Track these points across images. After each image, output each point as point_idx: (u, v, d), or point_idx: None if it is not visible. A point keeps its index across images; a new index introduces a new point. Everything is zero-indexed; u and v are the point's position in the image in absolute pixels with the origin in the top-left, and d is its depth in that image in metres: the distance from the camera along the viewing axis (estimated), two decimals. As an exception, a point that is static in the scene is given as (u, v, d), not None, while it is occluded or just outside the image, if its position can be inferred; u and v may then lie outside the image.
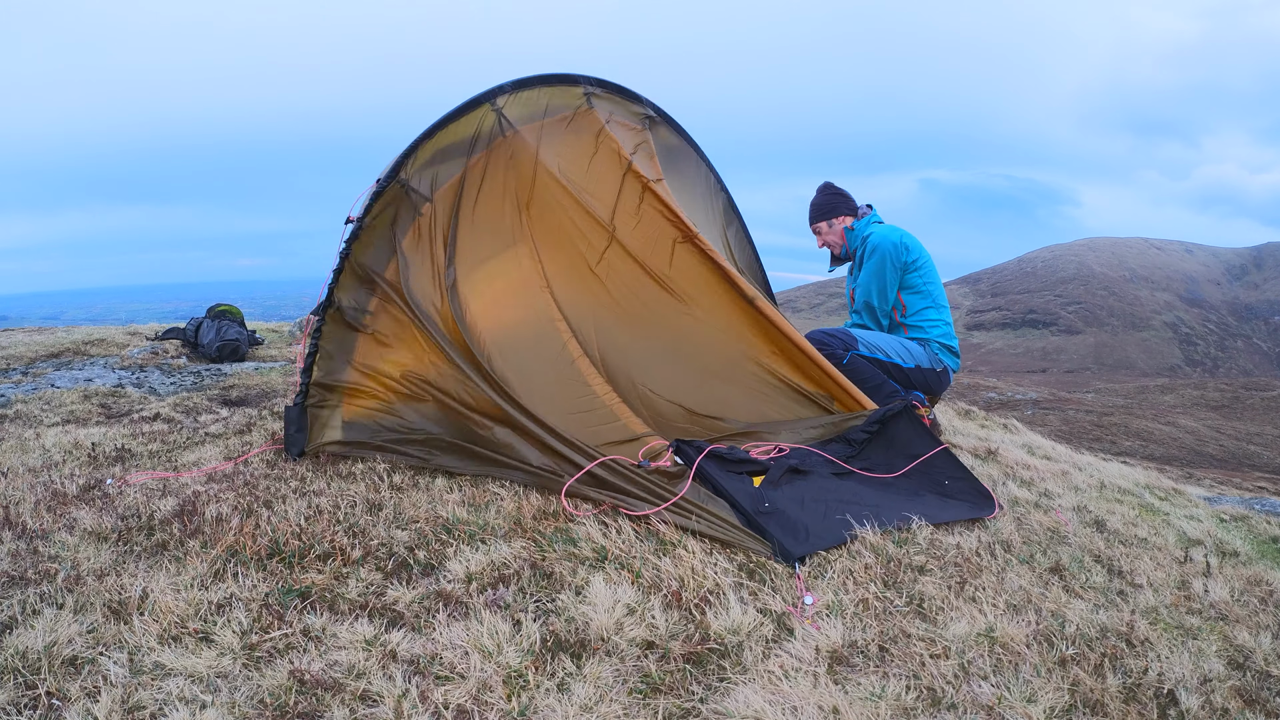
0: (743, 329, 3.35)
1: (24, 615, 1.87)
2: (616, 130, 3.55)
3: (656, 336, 3.29)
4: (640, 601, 2.01)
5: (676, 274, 3.35)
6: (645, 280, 3.33)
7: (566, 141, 3.43)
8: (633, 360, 3.22)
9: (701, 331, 3.32)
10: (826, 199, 4.33)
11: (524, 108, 3.38)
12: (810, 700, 1.66)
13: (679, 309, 3.33)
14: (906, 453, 3.09)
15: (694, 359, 3.30)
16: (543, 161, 3.33)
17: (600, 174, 3.41)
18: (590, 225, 3.32)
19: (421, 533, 2.41)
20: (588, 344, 3.15)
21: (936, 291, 4.13)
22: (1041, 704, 1.69)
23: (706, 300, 3.35)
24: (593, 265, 3.30)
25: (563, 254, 3.29)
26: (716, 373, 3.31)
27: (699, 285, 3.35)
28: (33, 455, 3.38)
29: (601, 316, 3.24)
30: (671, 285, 3.33)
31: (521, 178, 3.31)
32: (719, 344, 3.33)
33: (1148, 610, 2.23)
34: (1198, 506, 3.84)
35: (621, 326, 3.26)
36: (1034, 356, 64.00)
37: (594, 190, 3.37)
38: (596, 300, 3.27)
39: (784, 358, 3.36)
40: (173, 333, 6.99)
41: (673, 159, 3.88)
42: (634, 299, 3.31)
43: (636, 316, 3.29)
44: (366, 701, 1.62)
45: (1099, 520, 3.02)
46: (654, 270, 3.33)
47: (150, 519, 2.48)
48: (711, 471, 2.67)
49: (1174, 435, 23.75)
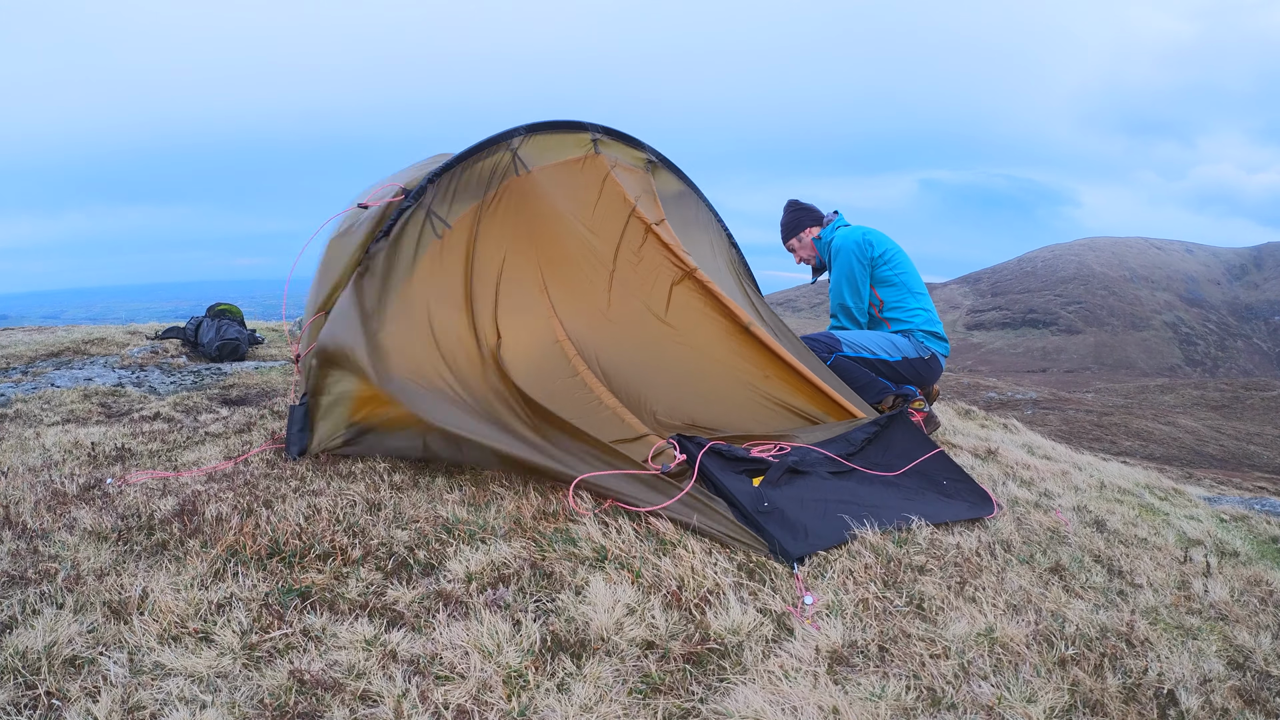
0: (739, 359, 3.50)
1: (24, 615, 1.87)
2: (621, 175, 3.73)
3: (658, 367, 3.41)
4: (640, 601, 2.01)
5: (675, 307, 3.52)
6: (646, 315, 3.49)
7: (575, 184, 3.62)
8: (636, 388, 3.33)
9: (701, 361, 3.47)
10: (791, 216, 4.48)
11: (537, 150, 3.56)
12: (810, 700, 1.66)
13: (678, 341, 3.48)
14: (905, 456, 3.11)
15: (696, 386, 3.43)
16: (553, 202, 3.51)
17: (605, 215, 3.60)
18: (595, 263, 3.50)
19: (421, 532, 2.41)
20: (593, 366, 3.28)
21: (911, 280, 4.17)
22: (1041, 704, 1.69)
23: (703, 331, 3.51)
24: (597, 299, 3.46)
25: (569, 288, 3.44)
26: (719, 399, 3.43)
27: (696, 319, 3.52)
28: (33, 454, 3.38)
29: (606, 346, 3.35)
30: (670, 320, 3.50)
31: (533, 215, 3.47)
32: (719, 372, 3.47)
33: (1148, 610, 2.23)
34: (1198, 506, 3.85)
35: (625, 357, 3.37)
36: (1034, 356, 64.03)
37: (599, 230, 3.56)
38: (601, 332, 3.39)
39: (782, 382, 3.50)
40: (173, 332, 7.00)
41: (674, 200, 4.07)
42: (636, 332, 3.45)
43: (639, 348, 3.42)
44: (366, 701, 1.62)
45: (1099, 520, 3.02)
46: (653, 306, 3.51)
47: (150, 518, 2.48)
48: (712, 469, 2.68)
49: (1174, 435, 23.76)
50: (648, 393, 3.29)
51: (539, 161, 3.55)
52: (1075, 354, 64.16)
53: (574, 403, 3.03)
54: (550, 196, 3.52)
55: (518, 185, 3.47)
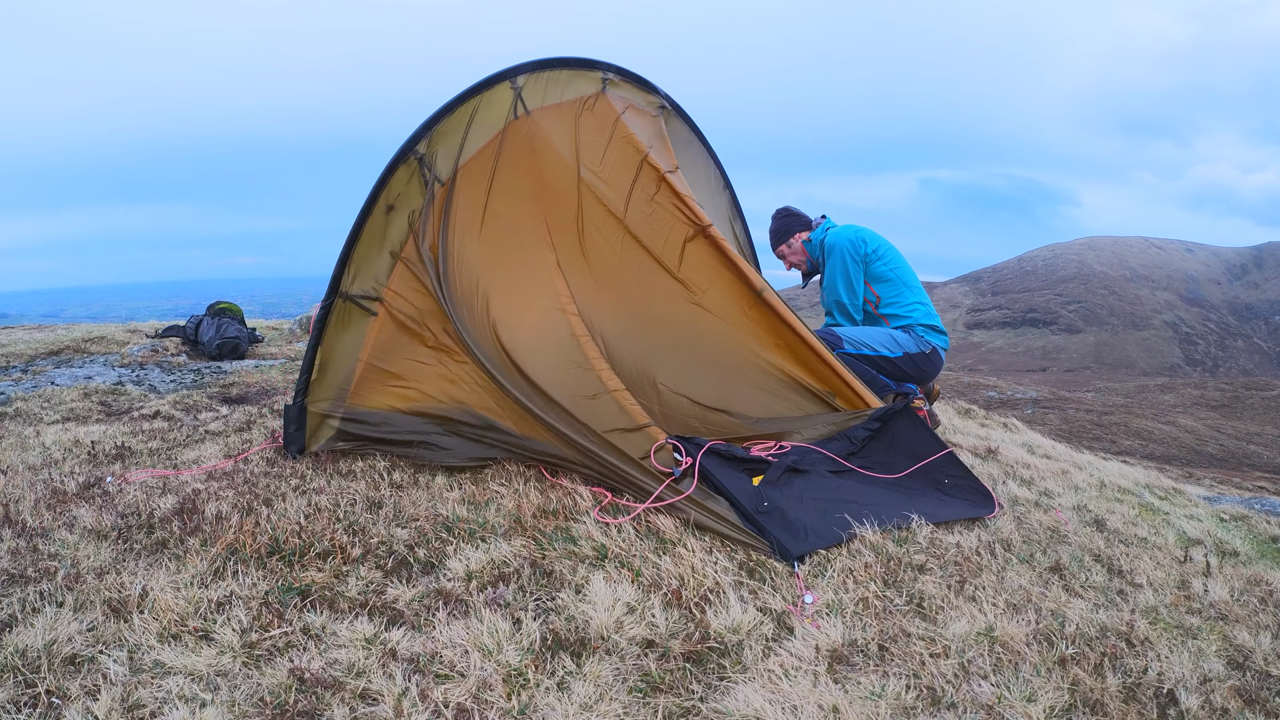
0: (750, 323, 3.34)
1: (24, 613, 1.87)
2: (632, 118, 3.53)
3: (666, 328, 3.27)
4: (640, 600, 2.01)
5: (688, 265, 3.33)
6: (657, 271, 3.31)
7: (582, 127, 3.41)
8: (641, 351, 3.20)
9: (711, 324, 3.31)
10: (779, 223, 4.46)
11: (542, 89, 3.36)
12: (810, 699, 1.66)
13: (690, 300, 3.31)
14: (909, 452, 3.08)
15: (702, 351, 3.28)
16: (557, 147, 3.32)
17: (615, 162, 3.39)
18: (604, 214, 3.31)
19: (421, 531, 2.41)
20: (596, 332, 3.14)
21: (906, 275, 4.17)
22: (1041, 703, 1.69)
23: (716, 292, 3.33)
24: (605, 254, 3.29)
25: (575, 241, 3.28)
26: (724, 366, 3.30)
27: (710, 277, 3.33)
28: (33, 453, 3.38)
29: (612, 306, 3.22)
30: (683, 276, 3.31)
31: (536, 162, 3.29)
32: (727, 337, 3.32)
33: (1148, 610, 2.23)
34: (1198, 506, 3.84)
35: (631, 317, 3.24)
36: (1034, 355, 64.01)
37: (609, 178, 3.36)
38: (607, 289, 3.25)
39: (789, 352, 3.35)
40: (173, 330, 6.99)
41: (683, 150, 3.89)
42: (645, 290, 3.30)
43: (646, 307, 3.28)
44: (366, 700, 1.62)
45: (1099, 519, 3.02)
46: (666, 261, 3.32)
47: (150, 517, 2.48)
48: (711, 469, 2.67)
49: (1174, 435, 23.75)
50: (653, 358, 3.16)
51: (543, 101, 3.34)
52: (1075, 353, 64.15)
53: (576, 384, 2.92)
54: (555, 141, 3.31)
55: (520, 129, 3.27)
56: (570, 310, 3.10)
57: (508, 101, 3.28)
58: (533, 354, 2.99)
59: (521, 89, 3.30)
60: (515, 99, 3.28)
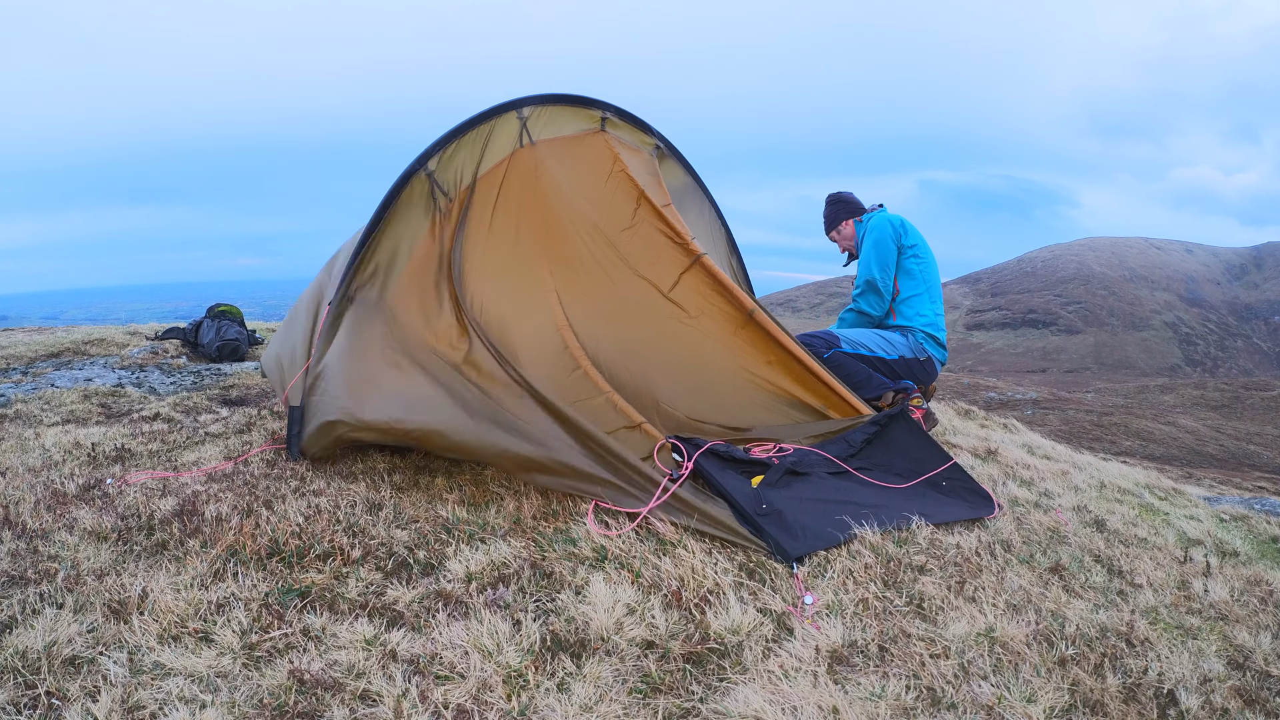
0: (742, 342, 3.44)
1: (24, 615, 1.87)
2: (628, 157, 3.68)
3: (660, 352, 3.36)
4: (640, 601, 2.01)
5: (683, 291, 3.45)
6: (653, 296, 3.42)
7: (582, 161, 3.57)
8: (638, 371, 3.27)
9: (704, 347, 3.40)
10: (830, 209, 4.57)
11: (546, 123, 3.51)
12: (810, 700, 1.66)
13: (683, 324, 3.41)
14: (906, 456, 3.10)
15: (695, 375, 3.37)
16: (558, 178, 3.45)
17: (613, 195, 3.54)
18: (601, 243, 3.43)
19: (421, 532, 2.41)
20: (592, 354, 3.21)
21: (931, 279, 4.21)
22: (1041, 704, 1.69)
23: (708, 318, 3.45)
24: (601, 281, 3.39)
25: (572, 268, 3.38)
26: (718, 383, 3.39)
27: (703, 303, 3.45)
28: (32, 455, 3.38)
29: (607, 330, 3.30)
30: (678, 300, 3.43)
31: (538, 190, 3.41)
32: (720, 359, 3.42)
33: (1148, 610, 2.23)
34: (1198, 506, 3.84)
35: (629, 341, 3.32)
36: (1034, 356, 64.02)
37: (606, 210, 3.50)
38: (602, 314, 3.33)
39: (781, 369, 3.44)
40: (173, 332, 7.00)
41: (679, 192, 4.02)
42: (639, 315, 3.39)
43: (641, 332, 3.37)
44: (366, 701, 1.62)
45: (1099, 520, 3.02)
46: (661, 287, 3.44)
47: (150, 519, 2.48)
48: (710, 470, 2.67)
49: (1174, 435, 23.75)
50: (650, 379, 3.23)
51: (545, 134, 3.48)
52: (1075, 354, 64.16)
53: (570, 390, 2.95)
54: (556, 172, 3.44)
55: (524, 157, 3.39)
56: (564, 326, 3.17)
57: (514, 130, 3.41)
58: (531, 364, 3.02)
59: (527, 119, 3.43)
60: (521, 129, 3.41)
